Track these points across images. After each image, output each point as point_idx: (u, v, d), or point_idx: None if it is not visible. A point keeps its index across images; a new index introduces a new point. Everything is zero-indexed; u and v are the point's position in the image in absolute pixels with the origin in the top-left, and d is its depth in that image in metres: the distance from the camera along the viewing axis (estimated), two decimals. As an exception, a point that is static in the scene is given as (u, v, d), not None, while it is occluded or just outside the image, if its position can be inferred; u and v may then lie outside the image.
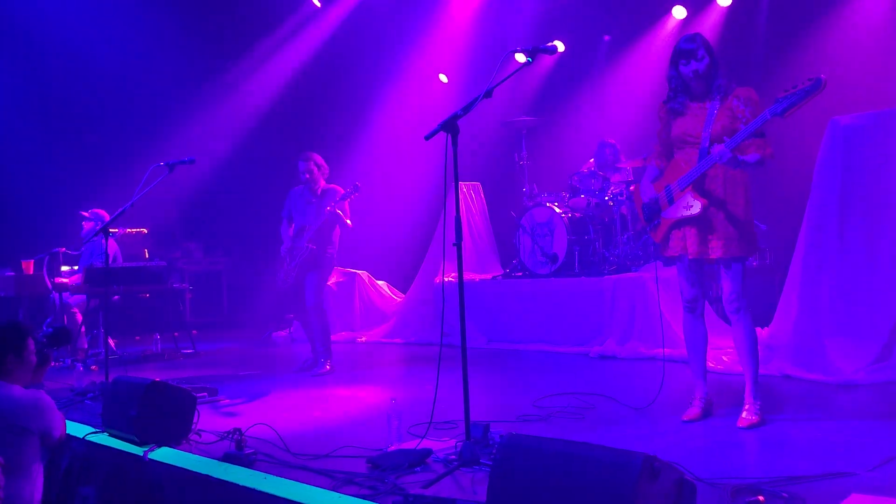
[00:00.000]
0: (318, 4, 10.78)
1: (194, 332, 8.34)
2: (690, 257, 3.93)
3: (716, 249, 3.86)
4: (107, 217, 7.85)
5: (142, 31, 9.65)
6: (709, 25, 8.66)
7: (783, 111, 3.48)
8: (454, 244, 3.46)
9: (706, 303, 4.14)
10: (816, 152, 5.12)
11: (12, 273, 7.69)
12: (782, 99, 3.48)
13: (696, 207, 3.84)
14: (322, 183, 6.49)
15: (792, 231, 5.43)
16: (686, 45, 3.89)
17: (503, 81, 3.60)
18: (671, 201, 3.97)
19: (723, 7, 8.68)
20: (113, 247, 7.65)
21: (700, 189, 3.86)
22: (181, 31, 9.87)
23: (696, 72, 3.86)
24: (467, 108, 3.48)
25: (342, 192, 6.34)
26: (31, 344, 3.56)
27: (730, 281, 3.90)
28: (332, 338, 6.62)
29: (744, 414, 3.87)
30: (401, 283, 9.66)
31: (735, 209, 3.85)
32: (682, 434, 3.84)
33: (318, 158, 6.51)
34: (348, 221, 6.38)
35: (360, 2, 10.58)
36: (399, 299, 9.44)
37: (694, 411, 4.05)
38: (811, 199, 5.15)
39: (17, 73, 9.46)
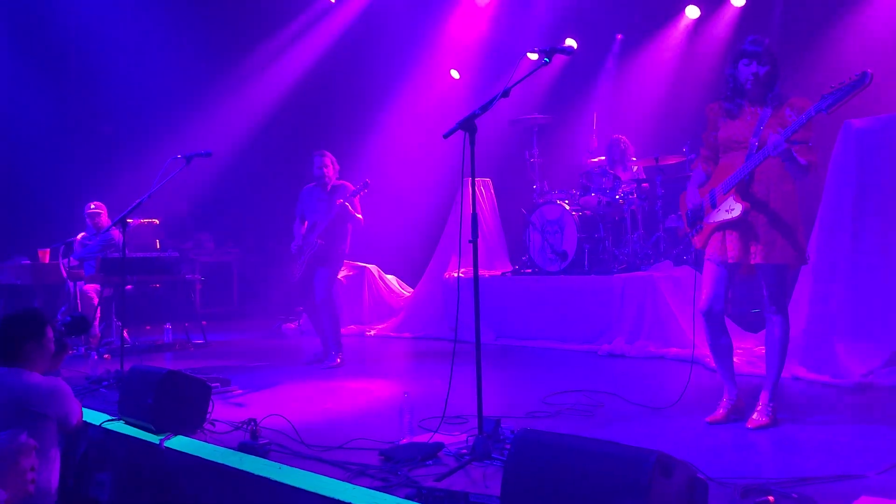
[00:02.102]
0: (333, 0, 10.81)
1: (204, 322, 8.40)
2: (731, 261, 3.85)
3: (756, 255, 3.79)
4: (104, 210, 7.94)
5: (158, 24, 9.71)
6: (722, 25, 8.66)
7: (828, 107, 3.41)
8: (470, 241, 3.50)
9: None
10: (829, 155, 5.13)
11: (28, 262, 7.77)
12: (828, 95, 3.43)
13: (736, 210, 3.77)
14: (333, 180, 6.54)
15: (804, 233, 5.43)
16: (751, 47, 3.82)
17: (521, 81, 3.62)
18: (714, 205, 3.91)
19: (737, 7, 8.67)
20: (118, 237, 7.72)
21: (744, 192, 3.80)
22: (197, 24, 9.93)
23: (756, 75, 3.79)
24: (485, 108, 3.51)
25: (352, 188, 6.39)
26: (49, 332, 3.61)
27: (767, 286, 3.85)
28: (342, 331, 6.67)
29: (755, 415, 3.87)
30: (410, 278, 9.71)
31: (782, 215, 3.76)
32: (693, 433, 3.87)
33: (331, 156, 6.59)
34: (359, 216, 6.42)
35: (373, -2, 10.63)
36: (408, 294, 9.48)
37: (719, 413, 3.99)
38: (824, 201, 5.16)
39: (35, 65, 9.53)
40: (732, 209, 3.79)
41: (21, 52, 9.49)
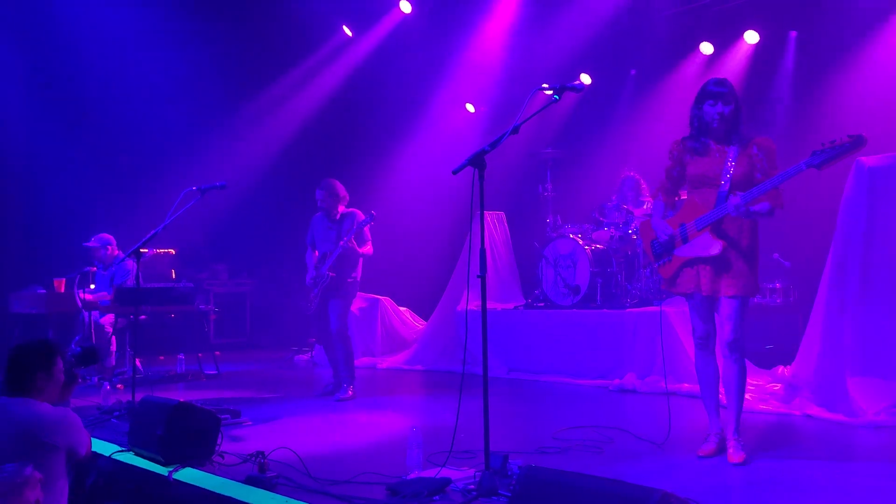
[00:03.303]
0: (350, 34, 10.98)
1: (217, 353, 8.43)
2: (704, 294, 4.01)
3: (729, 287, 3.95)
4: (112, 241, 8.03)
5: (176, 57, 9.87)
6: (735, 62, 8.71)
7: (820, 164, 3.59)
8: (478, 276, 3.52)
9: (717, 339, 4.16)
10: (841, 192, 5.13)
11: (44, 291, 7.84)
12: (819, 153, 3.58)
13: (715, 248, 3.94)
14: (341, 208, 6.56)
15: (816, 269, 5.42)
16: (715, 88, 3.99)
17: (530, 118, 3.66)
18: (685, 240, 4.05)
19: (750, 45, 8.72)
20: (132, 267, 7.79)
21: (717, 230, 3.96)
22: (215, 58, 10.08)
23: (722, 115, 3.95)
24: (494, 144, 3.55)
25: (361, 216, 6.43)
26: (59, 362, 3.63)
27: (734, 318, 3.97)
28: (354, 363, 6.67)
29: (730, 451, 3.92)
30: (423, 311, 9.71)
31: (747, 249, 3.97)
32: (700, 471, 3.84)
33: (336, 184, 6.58)
34: (368, 248, 6.45)
35: (390, 32, 10.77)
36: (420, 326, 9.48)
37: (709, 447, 4.08)
38: (835, 238, 5.15)
39: (53, 96, 9.69)
40: (710, 246, 3.95)
41: (39, 84, 9.65)
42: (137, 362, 6.53)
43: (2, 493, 1.98)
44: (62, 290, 7.77)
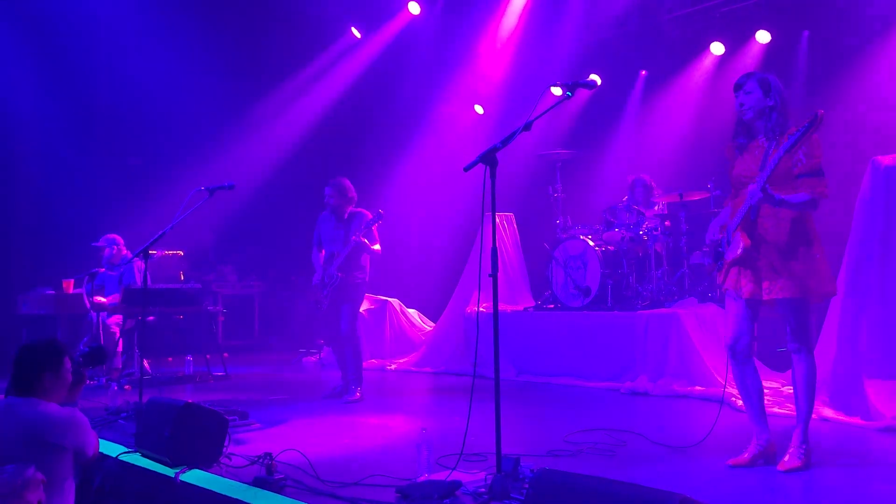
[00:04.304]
0: (359, 35, 10.96)
1: (226, 354, 8.40)
2: (744, 297, 3.83)
3: (770, 290, 3.76)
4: (120, 241, 8.02)
5: (185, 59, 9.86)
6: (747, 62, 8.63)
7: (786, 150, 3.55)
8: (490, 275, 3.46)
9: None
10: (856, 192, 5.06)
11: (52, 292, 7.83)
12: (790, 136, 3.57)
13: (738, 248, 3.78)
14: (349, 208, 6.52)
15: (826, 266, 5.34)
16: (737, 80, 3.91)
17: (542, 115, 3.61)
18: (729, 242, 3.91)
19: (762, 44, 8.64)
20: (140, 267, 7.77)
21: (749, 230, 3.78)
22: (224, 59, 10.08)
23: (742, 105, 3.86)
24: (506, 141, 3.50)
25: (369, 216, 6.38)
26: (67, 362, 3.60)
27: (788, 321, 3.80)
28: (363, 365, 6.63)
29: (786, 457, 3.77)
30: (431, 312, 9.66)
31: (791, 249, 3.73)
32: (718, 475, 3.77)
33: (346, 183, 6.53)
34: (376, 247, 6.41)
35: (399, 33, 10.74)
36: (429, 328, 9.43)
37: (744, 457, 3.87)
38: (851, 239, 5.08)
39: (65, 96, 9.70)
40: (737, 247, 3.80)
41: (48, 85, 9.66)
42: (145, 363, 6.50)
43: (2, 494, 1.94)
44: (70, 291, 7.76)
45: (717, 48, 9.03)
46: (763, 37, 8.58)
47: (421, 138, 11.02)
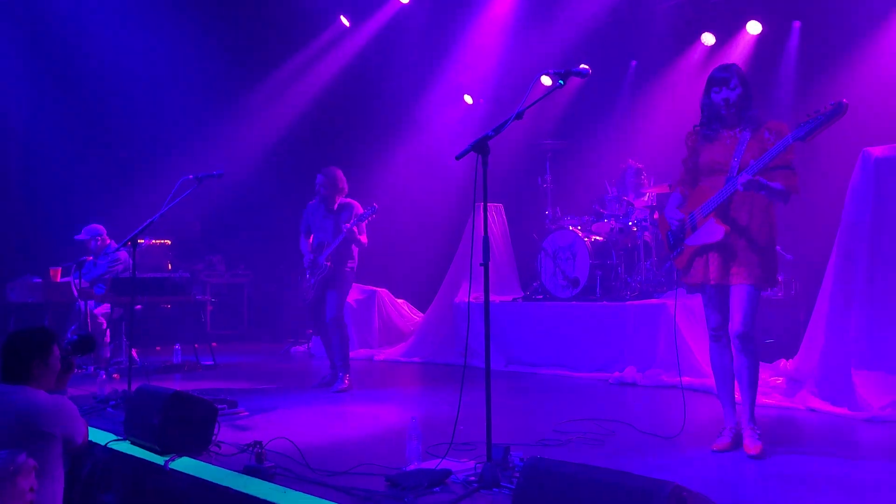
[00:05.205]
0: (348, 24, 10.90)
1: (214, 344, 8.37)
2: (712, 283, 3.94)
3: (737, 275, 3.86)
4: (103, 231, 7.98)
5: (173, 47, 9.80)
6: (738, 53, 8.64)
7: (805, 135, 3.51)
8: (481, 264, 3.46)
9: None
10: (847, 183, 5.08)
11: (40, 280, 7.78)
12: (804, 124, 3.52)
13: (717, 233, 3.85)
14: (339, 198, 6.51)
15: (819, 262, 5.38)
16: (719, 74, 3.94)
17: (535, 104, 3.60)
18: (694, 228, 3.99)
19: (753, 35, 8.65)
20: (125, 257, 7.73)
21: (724, 215, 3.88)
22: (212, 48, 10.01)
23: (727, 100, 3.90)
24: (498, 130, 3.49)
25: (360, 209, 6.37)
26: (56, 350, 3.58)
27: (744, 308, 3.86)
28: (350, 354, 6.62)
29: (747, 441, 3.87)
30: (420, 302, 9.66)
31: (759, 237, 3.86)
32: (706, 464, 3.79)
33: (338, 173, 6.52)
34: (363, 239, 6.40)
35: (387, 23, 10.69)
36: (418, 318, 9.43)
37: (723, 441, 3.99)
38: (841, 230, 5.10)
39: (51, 84, 9.63)
40: (713, 232, 3.86)
41: (35, 73, 9.59)
42: (133, 352, 6.47)
43: (-7, 480, 1.94)
44: (58, 279, 7.71)
45: (708, 39, 9.05)
46: (754, 27, 8.60)
47: (410, 128, 10.99)
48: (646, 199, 7.83)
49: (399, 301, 9.69)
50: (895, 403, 4.60)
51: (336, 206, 6.49)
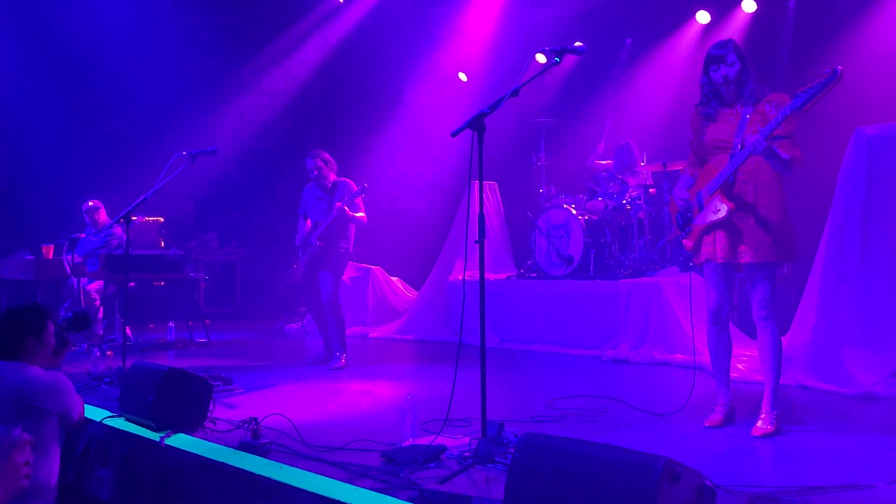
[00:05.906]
0: (341, 0, 10.81)
1: (208, 321, 8.38)
2: (719, 261, 3.91)
3: (745, 254, 3.82)
4: (101, 206, 7.97)
5: (164, 22, 9.72)
6: (733, 31, 8.60)
7: (802, 104, 3.48)
8: (476, 242, 3.46)
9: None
10: (840, 161, 5.09)
11: (32, 257, 7.76)
12: (801, 94, 3.49)
13: (722, 211, 3.82)
14: (332, 177, 6.50)
15: (811, 240, 5.39)
16: (716, 51, 3.91)
17: (530, 81, 3.58)
18: (701, 207, 3.97)
19: (748, 13, 8.62)
20: (120, 233, 7.73)
21: (728, 193, 3.84)
22: (203, 24, 9.94)
23: (726, 77, 3.87)
24: (494, 107, 3.48)
25: (354, 186, 6.36)
26: (50, 327, 3.58)
27: (758, 287, 3.86)
28: (346, 332, 6.64)
29: (759, 423, 3.85)
30: (414, 280, 9.67)
31: (768, 214, 3.80)
32: (698, 440, 3.82)
33: (323, 153, 6.53)
34: (360, 214, 6.38)
35: (380, -1, 10.62)
36: (412, 296, 9.45)
37: (716, 417, 4.03)
38: (833, 208, 5.12)
39: (40, 62, 9.55)
40: (719, 210, 3.84)
41: (26, 51, 9.51)
42: (127, 330, 6.47)
43: (-10, 455, 1.95)
44: (50, 255, 7.69)
45: (702, 17, 9.02)
46: (749, 6, 8.57)
47: (404, 106, 10.93)
48: (641, 176, 7.83)
49: (393, 279, 9.70)
50: (885, 380, 4.66)
51: (330, 184, 6.48)
